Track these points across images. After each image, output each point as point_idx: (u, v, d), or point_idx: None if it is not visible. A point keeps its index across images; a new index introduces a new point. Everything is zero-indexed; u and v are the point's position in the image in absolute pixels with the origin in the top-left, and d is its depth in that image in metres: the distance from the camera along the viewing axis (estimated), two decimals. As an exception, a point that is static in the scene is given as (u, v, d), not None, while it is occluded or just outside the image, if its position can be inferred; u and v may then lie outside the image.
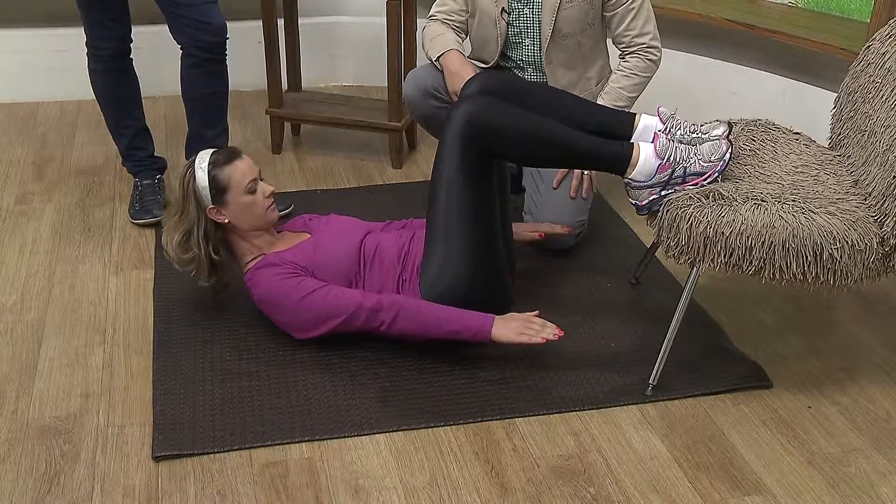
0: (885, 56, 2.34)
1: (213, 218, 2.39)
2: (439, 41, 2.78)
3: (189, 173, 2.38)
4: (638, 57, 2.75)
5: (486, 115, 2.27)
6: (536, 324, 2.26)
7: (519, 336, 2.23)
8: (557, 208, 2.76)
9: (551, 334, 2.24)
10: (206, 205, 2.37)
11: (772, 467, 2.11)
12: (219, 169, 2.38)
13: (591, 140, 2.28)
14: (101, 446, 2.11)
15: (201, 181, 2.36)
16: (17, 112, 3.79)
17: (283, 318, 2.39)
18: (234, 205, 2.38)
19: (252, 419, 2.18)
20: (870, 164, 2.26)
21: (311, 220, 2.60)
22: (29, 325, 2.51)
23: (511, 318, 2.28)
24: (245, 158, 2.44)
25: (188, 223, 2.39)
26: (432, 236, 2.36)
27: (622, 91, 2.74)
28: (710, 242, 2.11)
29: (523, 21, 2.74)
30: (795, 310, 2.67)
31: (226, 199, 2.38)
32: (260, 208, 2.42)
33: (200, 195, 2.37)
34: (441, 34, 2.80)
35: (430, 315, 2.28)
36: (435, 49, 2.78)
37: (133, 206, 3.02)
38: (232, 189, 2.37)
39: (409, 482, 2.04)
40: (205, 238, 2.39)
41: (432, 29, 2.83)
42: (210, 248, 2.40)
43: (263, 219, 2.43)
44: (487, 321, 2.26)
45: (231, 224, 2.41)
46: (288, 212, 3.03)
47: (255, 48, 3.46)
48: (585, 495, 2.01)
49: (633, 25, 2.72)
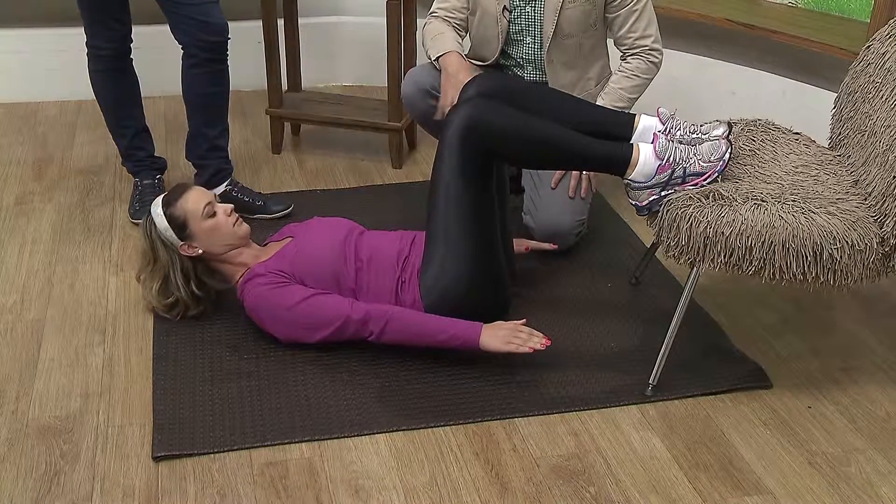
0: (884, 56, 2.34)
1: (188, 254, 2.42)
2: (439, 41, 2.78)
3: (148, 223, 2.43)
4: (640, 59, 2.74)
5: (486, 118, 2.27)
6: (524, 333, 2.28)
7: (506, 345, 2.26)
8: (556, 209, 2.76)
9: (538, 344, 2.26)
10: (176, 244, 2.41)
11: (772, 467, 2.11)
12: (172, 206, 2.41)
13: (590, 141, 2.28)
14: (101, 446, 2.11)
15: (161, 224, 2.40)
16: (17, 112, 3.79)
17: (272, 329, 2.39)
18: (199, 233, 2.41)
19: (252, 419, 2.18)
20: (870, 164, 2.26)
21: (294, 226, 2.61)
22: (29, 325, 2.51)
23: (499, 326, 2.29)
24: (194, 188, 2.46)
25: (162, 270, 2.44)
26: (432, 237, 2.36)
27: (622, 92, 2.74)
28: (710, 242, 2.11)
29: (525, 19, 2.74)
30: (795, 310, 2.67)
31: (189, 231, 2.40)
32: (225, 227, 2.43)
33: (166, 238, 2.41)
34: (441, 33, 2.79)
35: (418, 325, 2.30)
36: (435, 49, 2.77)
37: (133, 206, 3.02)
38: (190, 219, 2.40)
39: (409, 482, 2.04)
40: (184, 279, 2.43)
41: (432, 27, 2.82)
42: (192, 287, 2.44)
43: (234, 236, 2.44)
44: (476, 330, 2.27)
45: (207, 253, 2.43)
46: (287, 211, 3.03)
47: (255, 48, 3.46)
48: (585, 495, 2.01)
49: (636, 27, 2.72)
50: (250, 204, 3.03)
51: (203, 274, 2.47)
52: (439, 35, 2.79)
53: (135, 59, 2.96)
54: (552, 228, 2.76)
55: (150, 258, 2.44)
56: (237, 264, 2.47)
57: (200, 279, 2.46)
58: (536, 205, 2.80)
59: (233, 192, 3.03)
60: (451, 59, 2.73)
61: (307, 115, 3.49)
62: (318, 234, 2.49)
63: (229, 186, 3.04)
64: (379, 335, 2.30)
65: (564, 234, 2.78)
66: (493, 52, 2.82)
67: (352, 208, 2.83)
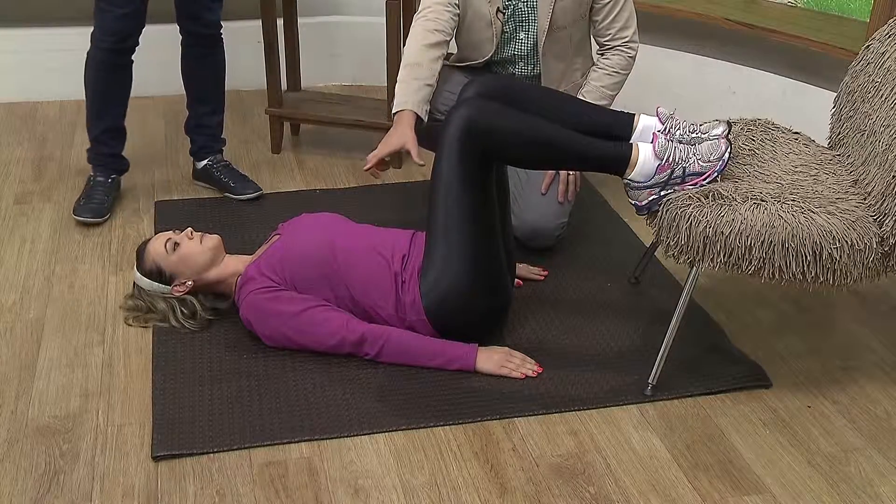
0: (884, 56, 2.34)
1: (182, 291, 2.46)
2: (406, 87, 2.57)
3: (136, 292, 2.51)
4: (619, 54, 2.75)
5: (485, 118, 2.27)
6: (517, 359, 2.35)
7: (500, 369, 2.33)
8: (541, 210, 2.78)
9: (530, 371, 2.33)
10: (167, 292, 2.46)
11: (771, 467, 2.11)
12: (143, 263, 2.48)
13: (590, 141, 2.28)
14: (101, 446, 2.11)
15: (146, 284, 2.48)
16: (17, 112, 3.79)
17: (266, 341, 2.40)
18: (176, 268, 2.45)
19: (251, 419, 2.18)
20: (869, 164, 2.26)
21: (283, 224, 2.61)
22: (28, 324, 2.51)
23: (493, 350, 2.36)
24: (150, 239, 2.52)
25: (160, 315, 2.48)
26: (432, 237, 2.36)
27: (604, 90, 2.75)
28: (709, 242, 2.11)
29: (518, 16, 2.73)
30: (795, 310, 2.67)
31: (168, 272, 2.45)
32: (193, 248, 2.46)
33: (157, 292, 2.47)
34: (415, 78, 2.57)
35: (415, 347, 2.33)
36: (399, 93, 2.58)
37: (78, 201, 3.02)
38: (161, 262, 2.45)
39: (409, 482, 2.04)
40: (188, 316, 2.46)
41: (412, 50, 2.62)
42: (198, 319, 2.47)
43: (205, 252, 2.46)
44: (471, 353, 2.32)
45: (198, 280, 2.46)
46: (256, 196, 3.15)
47: (255, 48, 3.46)
48: (585, 495, 2.01)
49: (619, 18, 2.73)
50: (224, 183, 3.18)
51: (209, 301, 2.50)
52: (413, 78, 2.59)
53: (139, 58, 2.95)
54: (535, 229, 2.77)
55: (146, 309, 2.50)
56: (230, 274, 2.48)
57: (208, 307, 2.50)
58: (521, 205, 2.80)
59: (212, 168, 3.19)
60: (402, 119, 2.56)
61: (307, 115, 3.49)
62: (305, 230, 2.50)
63: (210, 162, 3.19)
64: (375, 356, 2.34)
65: (547, 234, 2.79)
66: (485, 54, 2.79)
67: (351, 208, 2.83)
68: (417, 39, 2.65)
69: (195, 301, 2.47)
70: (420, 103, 2.56)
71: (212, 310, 2.50)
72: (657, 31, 3.49)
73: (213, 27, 3.03)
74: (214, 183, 3.19)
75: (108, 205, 3.01)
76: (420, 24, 2.67)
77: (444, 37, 2.66)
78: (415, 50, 2.63)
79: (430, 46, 2.63)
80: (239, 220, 3.03)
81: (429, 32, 2.65)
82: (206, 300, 2.49)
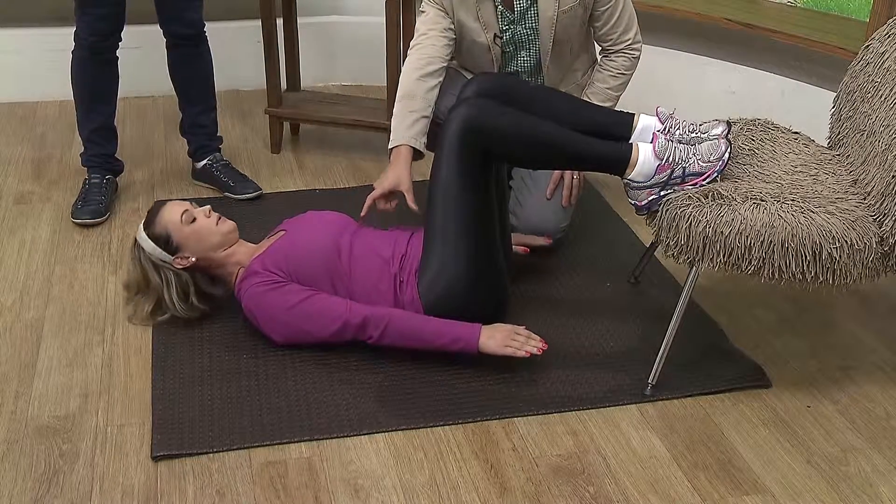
0: (883, 56, 2.34)
1: (183, 265, 2.42)
2: (402, 119, 2.58)
3: (136, 250, 2.44)
4: (624, 56, 2.75)
5: (485, 118, 2.27)
6: (522, 335, 2.29)
7: (504, 348, 2.27)
8: (543, 211, 2.77)
9: (535, 348, 2.27)
10: (168, 261, 2.41)
11: (771, 467, 2.11)
12: (153, 226, 2.42)
13: (589, 141, 2.28)
14: (101, 446, 2.11)
15: (149, 246, 2.41)
16: (16, 112, 3.79)
17: (269, 331, 2.39)
18: (185, 241, 2.41)
19: (251, 419, 2.18)
20: (869, 164, 2.26)
21: (288, 220, 2.60)
22: (28, 324, 2.51)
23: (497, 328, 2.30)
24: (168, 203, 2.47)
25: (154, 293, 2.44)
26: (431, 236, 2.36)
27: (610, 91, 2.74)
28: (709, 242, 2.11)
29: (517, 38, 2.71)
30: (795, 310, 2.67)
31: (175, 242, 2.41)
32: (209, 226, 2.44)
33: (157, 259, 2.42)
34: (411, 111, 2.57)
35: (417, 328, 2.30)
36: (395, 124, 2.58)
37: (76, 204, 3.02)
38: (173, 231, 2.41)
39: (409, 482, 2.04)
40: (181, 296, 2.43)
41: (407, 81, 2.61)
42: (190, 302, 2.44)
43: (219, 234, 2.45)
44: (475, 332, 2.28)
45: (200, 259, 2.43)
46: (255, 195, 3.15)
47: (255, 48, 3.46)
48: (584, 495, 2.01)
49: (619, 23, 2.72)
50: (224, 183, 3.17)
51: (204, 284, 2.47)
52: (408, 111, 2.58)
53: (134, 58, 2.96)
54: (537, 230, 2.77)
55: (141, 285, 2.45)
56: (233, 264, 2.47)
57: (202, 291, 2.47)
58: (523, 204, 2.80)
59: (212, 168, 3.19)
60: (398, 156, 2.57)
61: (306, 115, 3.49)
62: (311, 227, 2.49)
63: (210, 162, 3.20)
64: (378, 339, 2.31)
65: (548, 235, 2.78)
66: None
67: (351, 208, 2.82)
68: (412, 70, 2.64)
69: (190, 280, 2.44)
70: (415, 137, 2.57)
71: (204, 294, 2.47)
72: (657, 31, 3.49)
73: (196, 26, 3.04)
74: (214, 183, 3.20)
75: (105, 205, 3.01)
76: (415, 54, 2.66)
77: (440, 63, 2.65)
78: (409, 81, 2.62)
79: (425, 77, 2.62)
80: (238, 220, 3.01)
81: (423, 62, 2.63)
82: (201, 281, 2.47)
